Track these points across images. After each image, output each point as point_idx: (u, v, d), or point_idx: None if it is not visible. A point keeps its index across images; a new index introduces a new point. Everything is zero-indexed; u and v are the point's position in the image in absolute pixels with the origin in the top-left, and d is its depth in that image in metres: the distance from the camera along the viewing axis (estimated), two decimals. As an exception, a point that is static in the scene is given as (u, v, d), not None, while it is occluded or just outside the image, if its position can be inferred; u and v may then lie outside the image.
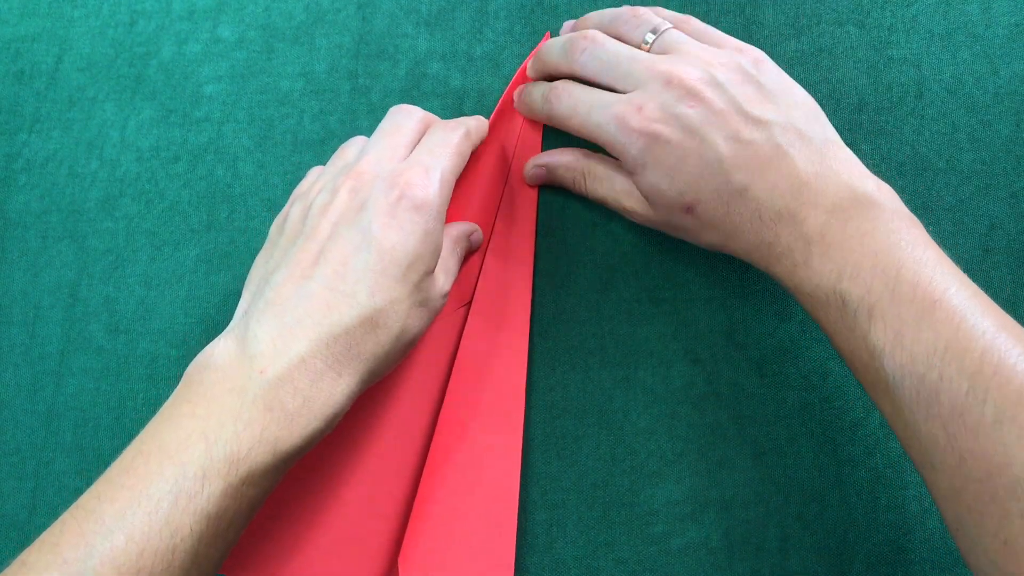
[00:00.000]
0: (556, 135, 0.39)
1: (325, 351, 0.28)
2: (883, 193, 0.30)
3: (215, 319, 0.38)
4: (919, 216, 0.34)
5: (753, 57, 0.34)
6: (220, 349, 0.28)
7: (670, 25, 0.35)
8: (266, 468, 0.26)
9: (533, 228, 0.38)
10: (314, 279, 0.29)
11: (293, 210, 0.33)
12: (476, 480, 0.34)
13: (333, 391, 0.28)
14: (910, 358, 0.26)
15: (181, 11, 0.43)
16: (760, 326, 0.37)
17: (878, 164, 0.38)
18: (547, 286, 0.38)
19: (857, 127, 0.39)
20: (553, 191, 0.39)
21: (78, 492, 0.36)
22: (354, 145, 0.35)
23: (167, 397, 0.37)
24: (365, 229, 0.30)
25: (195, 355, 0.37)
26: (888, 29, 0.40)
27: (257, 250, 0.39)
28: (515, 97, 0.39)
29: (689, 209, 0.32)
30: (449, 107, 0.40)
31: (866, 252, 0.28)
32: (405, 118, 0.34)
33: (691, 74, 0.32)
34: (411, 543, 0.33)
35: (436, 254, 0.31)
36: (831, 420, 0.35)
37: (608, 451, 0.36)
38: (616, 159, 0.35)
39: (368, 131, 0.40)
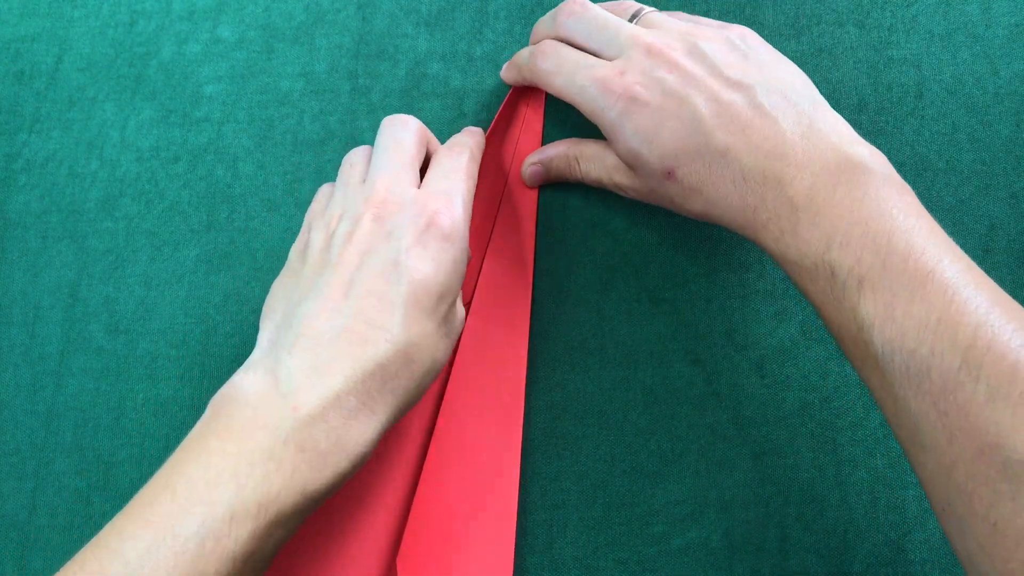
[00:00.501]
0: (555, 137, 0.39)
1: (360, 387, 0.27)
2: (874, 158, 0.29)
3: (215, 319, 0.38)
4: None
5: (739, 32, 0.33)
6: (250, 382, 0.27)
7: (653, 8, 0.36)
8: (295, 510, 0.26)
9: (533, 228, 0.38)
10: (346, 312, 0.28)
11: (314, 237, 0.32)
12: (475, 480, 0.34)
13: (365, 429, 0.27)
14: (900, 332, 0.25)
15: (181, 11, 0.43)
16: (760, 326, 0.37)
17: (878, 164, 0.38)
18: (547, 286, 0.38)
19: (857, 127, 0.39)
20: (553, 191, 0.39)
21: (78, 492, 0.36)
22: (358, 161, 0.34)
23: (167, 397, 0.37)
24: (395, 259, 0.29)
25: (195, 355, 0.37)
26: (888, 29, 0.40)
27: (257, 250, 0.39)
28: (503, 73, 0.39)
29: (670, 174, 0.32)
30: (449, 107, 0.40)
31: (856, 219, 0.27)
32: (402, 131, 0.34)
33: (673, 45, 0.32)
34: (410, 543, 0.33)
35: (461, 282, 0.31)
36: (831, 420, 0.35)
37: (608, 451, 0.36)
38: (603, 141, 0.35)
39: (368, 131, 0.40)
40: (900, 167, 0.38)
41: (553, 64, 0.35)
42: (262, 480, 0.25)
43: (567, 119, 0.40)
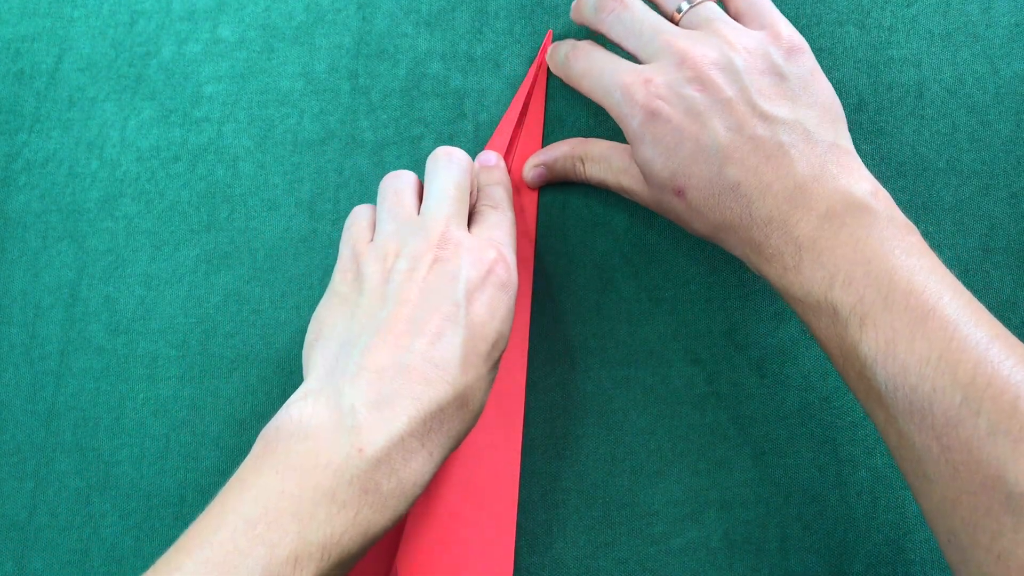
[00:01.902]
0: (555, 138, 0.39)
1: (421, 428, 0.27)
2: (879, 199, 0.29)
3: (215, 319, 0.38)
4: (919, 216, 0.34)
5: (788, 46, 0.32)
6: (309, 414, 0.26)
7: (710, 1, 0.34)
8: (356, 552, 0.25)
9: (533, 228, 0.38)
10: (412, 351, 0.28)
11: (370, 269, 0.31)
12: (475, 480, 0.34)
13: (423, 471, 0.27)
14: (902, 368, 0.26)
15: (181, 11, 0.43)
16: (760, 326, 0.37)
17: (878, 164, 0.38)
18: (547, 286, 0.38)
19: (857, 127, 0.39)
20: (553, 191, 0.39)
21: (78, 492, 0.36)
22: (407, 190, 0.34)
23: (167, 397, 0.37)
24: (457, 303, 0.29)
25: (195, 355, 0.37)
26: (888, 29, 0.40)
27: (257, 250, 0.39)
28: (548, 55, 0.40)
29: (679, 192, 0.32)
30: (449, 107, 0.40)
31: (859, 260, 0.27)
32: (459, 171, 0.34)
33: (707, 56, 0.31)
34: (410, 543, 0.33)
35: (510, 331, 0.31)
36: (831, 420, 0.35)
37: (608, 451, 0.36)
38: (609, 140, 0.35)
39: (368, 131, 0.40)
40: (900, 167, 0.38)
41: (583, 68, 0.35)
42: (325, 522, 0.24)
43: (567, 120, 0.40)
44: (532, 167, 0.38)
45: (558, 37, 0.41)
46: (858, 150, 0.39)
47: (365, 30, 0.42)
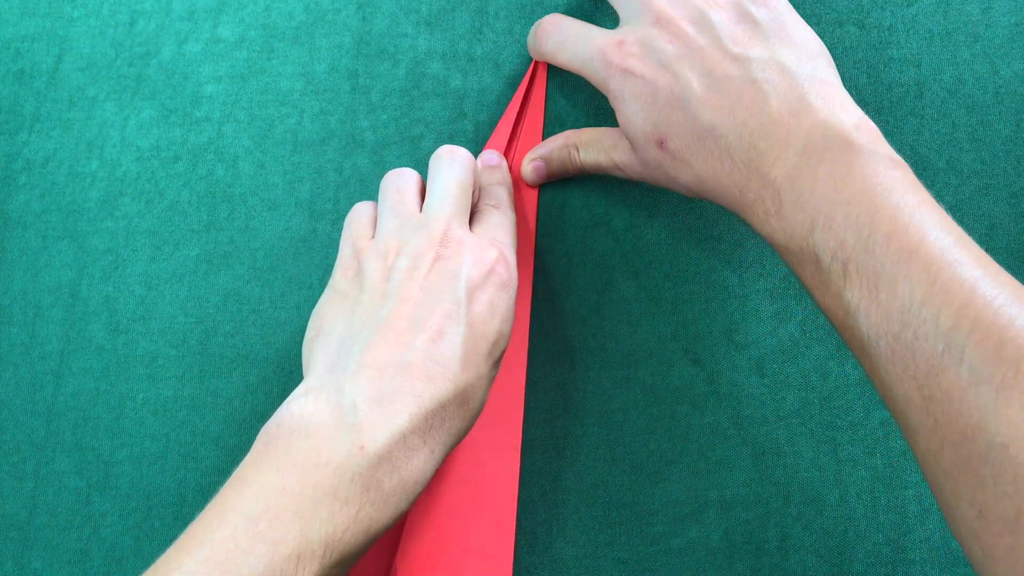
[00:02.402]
0: (556, 135, 0.39)
1: (422, 426, 0.27)
2: (862, 132, 0.27)
3: (215, 319, 0.38)
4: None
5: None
6: (310, 411, 0.26)
7: None
8: (357, 550, 0.25)
9: (533, 228, 0.38)
10: (413, 348, 0.28)
11: (370, 266, 0.31)
12: (475, 480, 0.34)
13: (424, 468, 0.27)
14: (885, 316, 0.24)
15: (181, 11, 0.43)
16: (760, 326, 0.37)
17: (878, 164, 0.38)
18: (547, 286, 0.38)
19: (857, 127, 0.39)
20: (553, 191, 0.39)
21: (78, 492, 0.36)
22: (408, 188, 0.34)
23: (167, 397, 0.37)
24: (458, 301, 0.29)
25: (195, 355, 0.37)
26: (888, 29, 0.40)
27: (257, 250, 0.39)
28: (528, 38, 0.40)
29: (661, 143, 0.32)
30: (449, 107, 0.40)
31: (838, 199, 0.26)
32: (462, 170, 0.33)
33: (681, 14, 0.32)
34: (409, 542, 0.33)
35: (511, 331, 0.31)
36: (831, 420, 0.35)
37: (608, 451, 0.36)
38: (600, 127, 0.35)
39: (368, 131, 0.40)
40: (900, 167, 0.38)
41: (556, 42, 0.36)
42: (327, 520, 0.24)
43: (567, 120, 0.40)
44: (530, 162, 0.38)
45: (558, 37, 0.41)
46: (858, 150, 0.39)
47: (365, 30, 0.42)
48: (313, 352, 0.30)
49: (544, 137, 0.40)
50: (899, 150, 0.39)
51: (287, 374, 0.37)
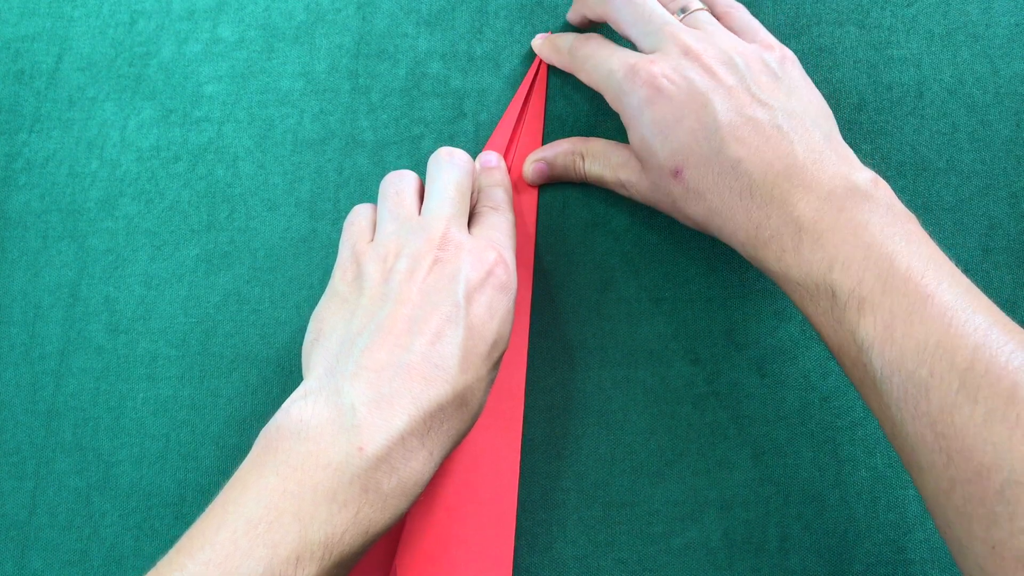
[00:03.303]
0: (555, 138, 0.39)
1: (421, 427, 0.27)
2: (878, 187, 0.29)
3: (215, 319, 0.38)
4: (919, 216, 0.34)
5: (780, 55, 0.33)
6: (309, 414, 0.26)
7: (703, 7, 0.35)
8: (356, 551, 0.25)
9: (533, 228, 0.38)
10: (411, 350, 0.28)
11: (370, 269, 0.31)
12: (475, 480, 0.34)
13: (423, 470, 0.27)
14: (900, 354, 0.25)
15: (181, 11, 0.43)
16: (760, 326, 0.37)
17: (878, 164, 0.38)
18: (547, 286, 0.38)
19: (857, 127, 0.39)
20: (553, 191, 0.39)
21: (78, 492, 0.36)
22: (408, 190, 0.34)
23: (167, 397, 0.37)
24: (457, 303, 0.29)
25: (195, 355, 0.37)
26: (888, 29, 0.40)
27: (257, 250, 0.39)
28: (538, 44, 0.40)
29: (677, 173, 0.32)
30: (449, 107, 0.40)
31: (859, 243, 0.27)
32: (460, 173, 0.34)
33: (710, 51, 0.33)
34: (409, 543, 0.33)
35: (510, 333, 0.31)
36: (831, 420, 0.35)
37: (608, 451, 0.36)
38: (608, 139, 0.35)
39: (368, 131, 0.40)
40: (900, 167, 0.38)
41: (587, 52, 0.36)
42: (326, 521, 0.24)
43: (567, 120, 0.40)
44: (533, 163, 0.38)
45: (558, 37, 0.41)
46: (858, 150, 0.39)
47: (365, 30, 0.42)
48: (312, 355, 0.30)
49: (544, 138, 0.40)
50: (899, 150, 0.39)
51: (287, 374, 0.37)
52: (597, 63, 0.35)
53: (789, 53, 0.34)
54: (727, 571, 0.34)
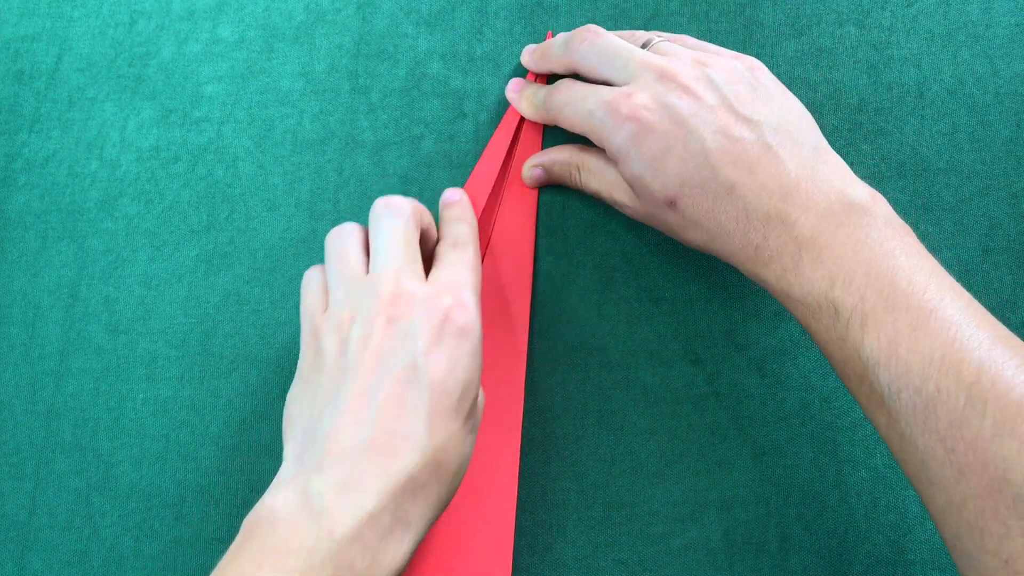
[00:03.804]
0: (555, 139, 0.39)
1: (392, 503, 0.26)
2: (876, 201, 0.29)
3: (215, 319, 0.38)
4: (919, 217, 0.34)
5: (749, 63, 0.33)
6: (281, 503, 0.27)
7: (664, 37, 0.36)
8: None
9: (533, 228, 0.38)
10: (370, 423, 0.27)
11: (326, 343, 0.30)
12: (475, 480, 0.34)
13: (400, 544, 0.27)
14: (906, 369, 0.25)
15: (181, 11, 0.43)
16: (760, 326, 0.37)
17: (878, 164, 0.38)
18: (547, 286, 0.38)
19: (857, 127, 0.39)
20: (553, 191, 0.39)
21: (78, 492, 0.36)
22: (352, 249, 0.32)
23: (167, 397, 0.37)
24: (413, 362, 0.28)
25: (195, 355, 0.37)
26: (888, 29, 0.40)
27: (257, 250, 0.39)
28: (514, 96, 0.39)
29: (672, 203, 0.32)
30: (449, 107, 0.40)
31: (859, 260, 0.27)
32: (400, 220, 0.32)
33: (685, 71, 0.32)
34: (411, 543, 0.33)
35: (480, 373, 0.30)
36: (831, 420, 0.35)
37: (608, 451, 0.36)
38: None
39: (368, 131, 0.40)
40: (900, 167, 0.38)
41: (564, 98, 0.35)
42: None
43: (567, 119, 0.40)
44: (531, 167, 0.38)
45: (558, 37, 0.41)
46: (858, 150, 0.39)
47: (365, 30, 0.42)
48: (286, 441, 0.30)
49: (545, 139, 0.40)
50: (899, 150, 0.39)
51: (287, 374, 0.37)
52: (574, 107, 0.35)
53: (755, 61, 0.34)
54: (727, 571, 0.34)
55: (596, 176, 0.36)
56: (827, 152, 0.31)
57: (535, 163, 0.38)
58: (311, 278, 0.33)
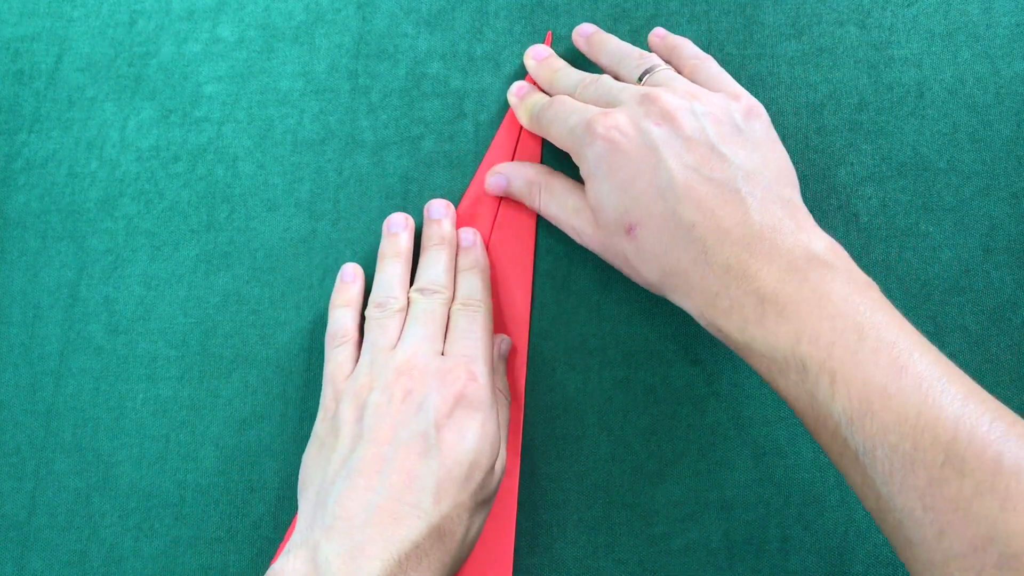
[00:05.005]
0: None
1: (397, 570, 0.27)
2: (838, 255, 0.29)
3: (215, 319, 0.38)
4: (919, 216, 0.34)
5: (746, 107, 0.33)
6: (291, 569, 0.27)
7: (667, 67, 0.35)
8: None
9: (533, 228, 0.38)
10: (379, 491, 0.28)
11: (344, 410, 0.31)
12: (476, 480, 0.34)
13: None
14: (881, 428, 0.25)
15: (181, 11, 0.43)
16: (760, 326, 0.37)
17: (878, 164, 0.38)
18: (547, 286, 0.38)
19: (857, 127, 0.39)
20: (553, 191, 0.39)
21: (78, 492, 0.36)
22: (391, 324, 0.34)
23: (167, 397, 0.37)
24: (426, 433, 0.29)
25: (195, 355, 0.37)
26: (889, 29, 0.40)
27: (257, 250, 0.39)
28: (515, 101, 0.39)
29: (630, 230, 0.31)
30: (449, 107, 0.40)
31: (824, 315, 0.27)
32: (432, 300, 0.34)
33: (669, 99, 0.32)
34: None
35: (495, 449, 0.31)
36: (831, 420, 0.35)
37: (608, 451, 0.36)
38: (574, 180, 0.35)
39: (368, 131, 0.40)
40: (900, 167, 0.38)
41: (552, 112, 0.36)
42: None
43: (567, 119, 0.40)
44: (494, 175, 0.38)
45: (558, 38, 0.41)
46: (858, 150, 0.39)
47: (365, 30, 0.42)
48: (301, 504, 0.31)
49: (545, 141, 0.39)
50: (900, 150, 0.39)
51: (287, 374, 0.37)
52: (559, 123, 0.35)
53: (756, 104, 0.33)
54: (727, 572, 0.34)
55: (558, 200, 0.36)
56: (796, 206, 0.30)
57: (499, 171, 0.38)
58: (338, 346, 0.34)
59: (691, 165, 0.30)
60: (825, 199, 0.38)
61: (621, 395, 0.36)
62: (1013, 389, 0.35)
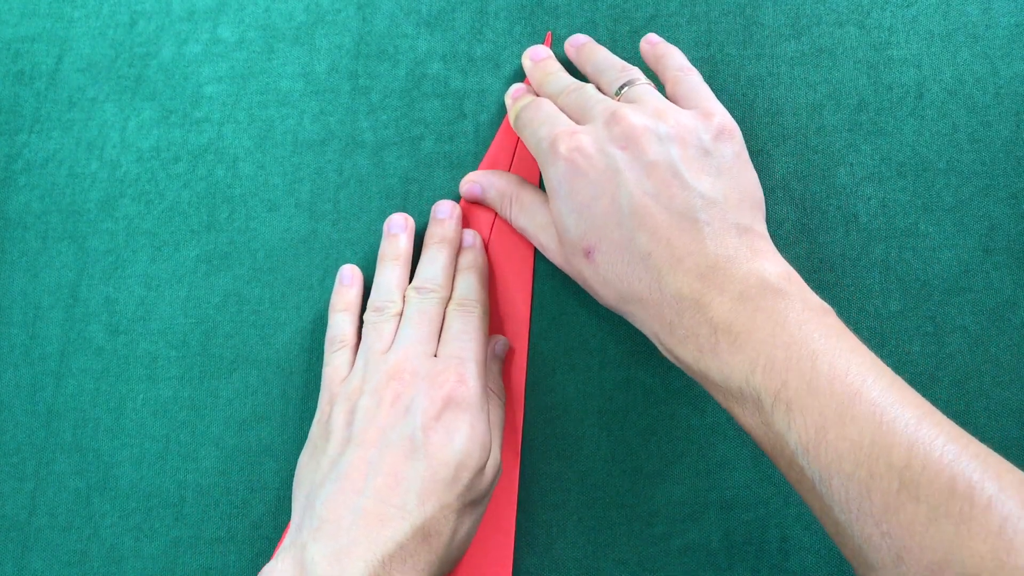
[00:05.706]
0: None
1: (380, 570, 0.27)
2: (791, 283, 0.29)
3: (215, 319, 0.38)
4: (919, 216, 0.34)
5: (718, 126, 0.32)
6: (279, 572, 0.27)
7: (646, 82, 0.35)
8: None
9: (533, 228, 0.38)
10: (366, 493, 0.28)
11: (336, 413, 0.32)
12: (476, 480, 0.34)
13: None
14: (836, 456, 0.25)
15: (181, 11, 0.43)
16: (760, 326, 0.37)
17: (878, 164, 0.38)
18: (547, 286, 0.38)
19: (857, 127, 0.39)
20: (553, 191, 0.39)
21: (78, 492, 0.36)
22: (387, 327, 0.34)
23: (167, 397, 0.37)
24: (412, 435, 0.30)
25: (195, 355, 0.37)
26: (888, 30, 0.40)
27: (257, 250, 0.39)
28: (509, 103, 0.39)
29: (588, 252, 0.31)
30: (449, 107, 0.40)
31: (778, 344, 0.27)
32: (426, 299, 0.34)
33: (636, 120, 0.32)
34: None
35: (485, 450, 0.31)
36: (831, 420, 0.35)
37: (608, 451, 0.36)
38: (544, 194, 0.35)
39: (368, 131, 0.40)
40: (900, 167, 0.38)
41: (528, 117, 0.35)
42: None
43: (567, 119, 0.40)
44: (469, 183, 0.38)
45: (558, 38, 0.41)
46: (858, 150, 0.39)
47: (365, 30, 0.42)
48: (294, 504, 0.31)
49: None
50: (899, 150, 0.39)
51: (287, 375, 0.37)
52: (531, 130, 0.35)
53: (728, 124, 0.33)
54: (727, 572, 0.34)
55: (527, 213, 0.36)
56: (756, 235, 0.30)
57: (474, 179, 0.38)
58: (336, 350, 0.35)
59: (650, 192, 0.30)
60: (825, 199, 0.38)
61: (621, 395, 0.36)
62: (1013, 389, 0.35)
